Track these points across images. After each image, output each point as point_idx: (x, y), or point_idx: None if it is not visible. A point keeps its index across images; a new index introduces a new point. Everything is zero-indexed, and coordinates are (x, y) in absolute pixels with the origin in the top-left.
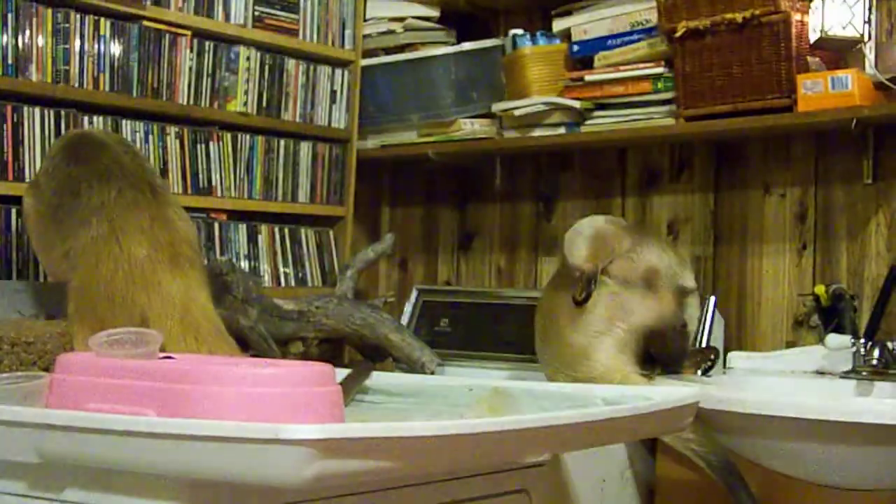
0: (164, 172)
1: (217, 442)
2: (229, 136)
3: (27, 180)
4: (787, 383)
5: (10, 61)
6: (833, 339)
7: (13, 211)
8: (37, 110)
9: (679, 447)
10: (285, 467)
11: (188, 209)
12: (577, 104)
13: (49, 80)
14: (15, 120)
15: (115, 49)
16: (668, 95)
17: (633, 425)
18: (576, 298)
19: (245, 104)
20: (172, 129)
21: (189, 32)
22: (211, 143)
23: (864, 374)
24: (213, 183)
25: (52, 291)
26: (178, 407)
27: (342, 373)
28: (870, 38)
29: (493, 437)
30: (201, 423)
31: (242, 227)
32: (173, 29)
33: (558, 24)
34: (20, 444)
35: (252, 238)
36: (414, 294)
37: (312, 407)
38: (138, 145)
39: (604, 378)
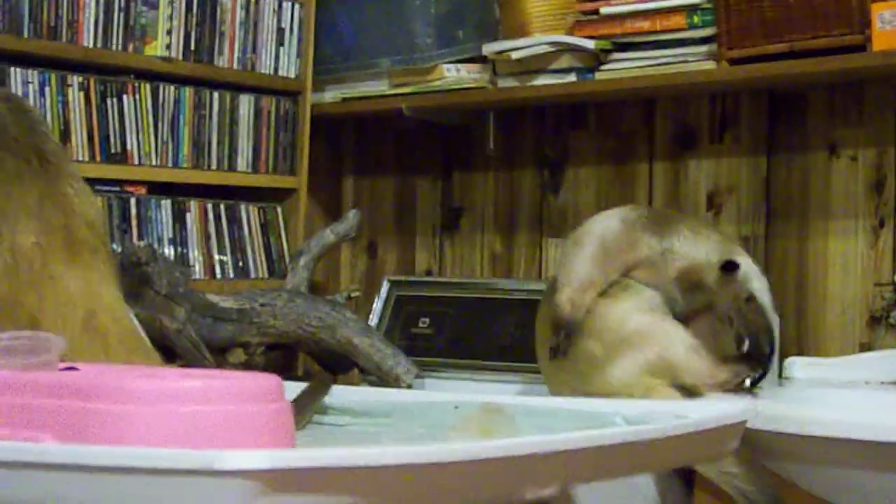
0: (65, 135)
1: (134, 474)
2: (148, 87)
3: None
4: (859, 397)
5: None
6: None
7: None
8: None
9: (716, 480)
10: None
11: (96, 181)
12: (590, 44)
13: None
14: None
15: None
16: (708, 32)
17: (663, 451)
18: (552, 348)
19: (168, 47)
20: (75, 80)
21: None
22: (125, 97)
23: None
24: (129, 147)
25: None
26: (83, 430)
27: (295, 388)
28: None
29: (485, 466)
30: (113, 450)
31: (166, 204)
32: None
33: None
34: None
35: (179, 217)
36: (385, 287)
37: (256, 429)
38: (31, 100)
39: (621, 395)
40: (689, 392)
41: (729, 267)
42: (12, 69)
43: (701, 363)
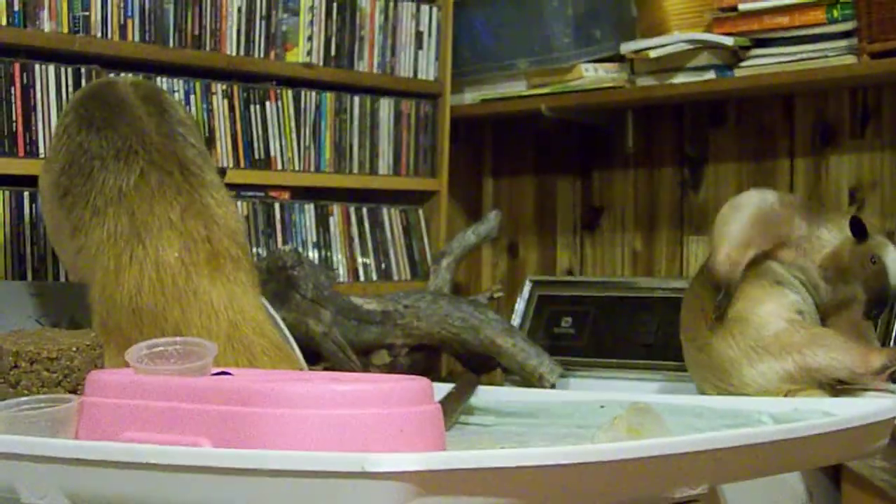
0: (210, 142)
1: (289, 477)
2: (290, 93)
3: (41, 155)
4: None
5: (16, 8)
6: None
7: (25, 195)
8: (51, 68)
9: (868, 475)
10: None
11: (241, 187)
12: (729, 41)
13: (65, 29)
14: (25, 80)
15: None
16: (848, 26)
17: (811, 449)
18: (708, 314)
19: (309, 53)
20: (219, 87)
21: None
22: (268, 104)
23: None
24: (272, 153)
25: (77, 292)
26: (239, 434)
27: (441, 389)
28: None
29: (634, 465)
30: (268, 454)
31: (310, 208)
32: None
33: None
34: (45, 482)
35: (322, 221)
36: (527, 287)
37: (407, 432)
38: None
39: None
40: (842, 389)
41: (856, 224)
42: (158, 78)
43: (848, 357)
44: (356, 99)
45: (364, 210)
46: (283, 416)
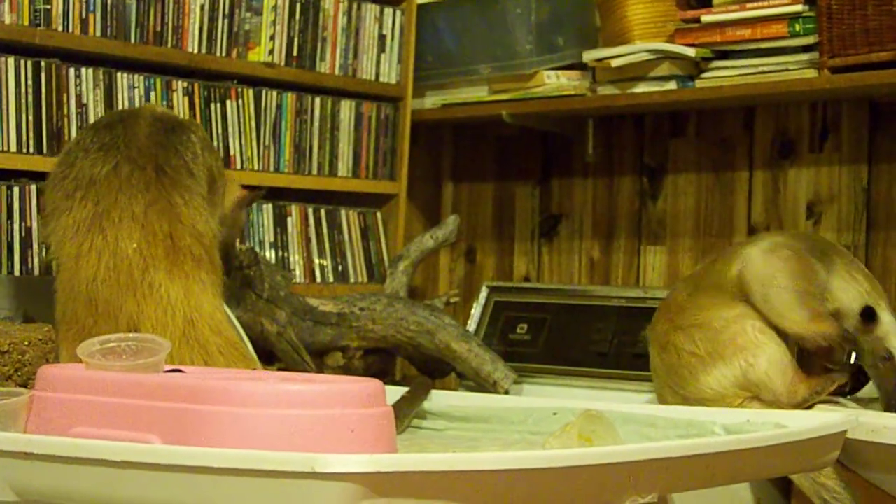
0: None
1: (238, 476)
2: (251, 92)
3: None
4: None
5: None
6: None
7: None
8: (10, 60)
9: (808, 491)
10: None
11: None
12: (691, 52)
13: (26, 22)
14: None
15: None
16: (810, 40)
17: (762, 460)
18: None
19: (271, 52)
20: (180, 85)
21: None
22: (228, 102)
23: None
24: (231, 152)
25: (31, 287)
26: (189, 432)
27: (395, 392)
28: None
29: (584, 472)
30: (218, 452)
31: (268, 208)
32: None
33: None
34: None
35: (280, 222)
36: (484, 293)
37: (358, 433)
38: (136, 103)
39: (714, 404)
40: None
41: (868, 314)
42: (119, 74)
43: (780, 379)
44: (317, 100)
45: (322, 211)
46: (233, 414)
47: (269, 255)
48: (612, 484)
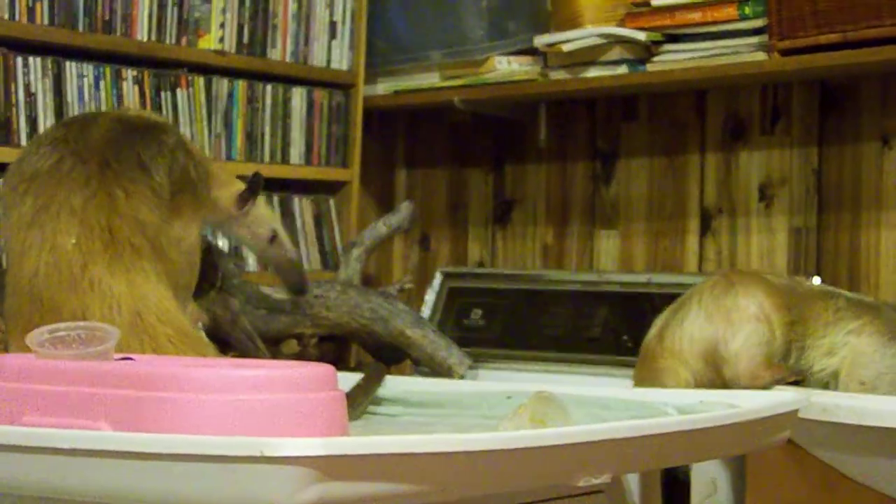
0: None
1: (189, 461)
2: (202, 80)
3: None
4: None
5: None
6: None
7: None
8: None
9: None
10: (276, 491)
11: None
12: (641, 36)
13: None
14: None
15: None
16: (759, 23)
17: (714, 440)
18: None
19: (221, 40)
20: (129, 73)
21: None
22: (178, 90)
23: None
24: None
25: None
26: (139, 419)
27: (349, 379)
28: None
29: (536, 454)
30: (167, 438)
31: None
32: None
33: None
34: None
35: None
36: (438, 279)
37: (310, 417)
38: (86, 92)
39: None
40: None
41: None
42: (67, 63)
43: (747, 360)
44: (268, 87)
45: (275, 199)
46: (183, 400)
47: (221, 243)
48: (565, 465)
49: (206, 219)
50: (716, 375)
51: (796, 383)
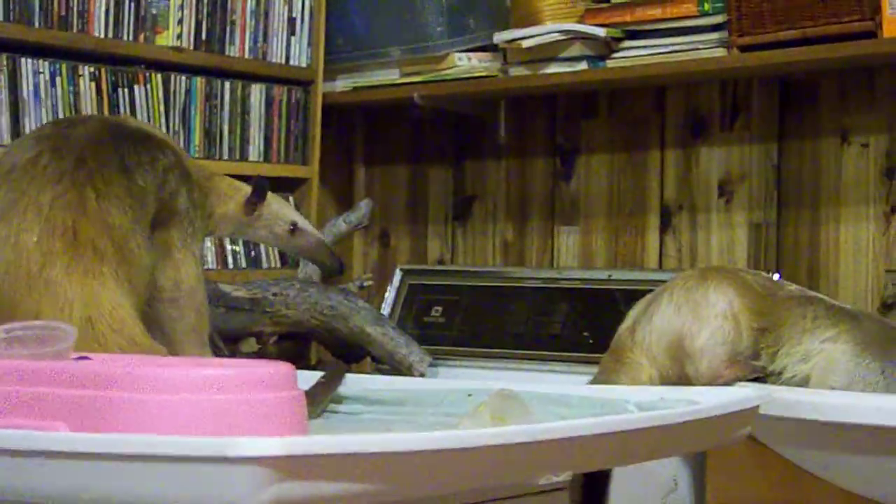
0: None
1: (148, 461)
2: (160, 77)
3: None
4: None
5: None
6: None
7: None
8: None
9: None
10: (236, 491)
11: None
12: (601, 32)
13: None
14: None
15: None
16: (719, 19)
17: (675, 437)
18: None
19: (179, 36)
20: (86, 69)
21: None
22: (136, 87)
23: None
24: None
25: None
26: (97, 419)
27: (309, 377)
28: None
29: (497, 452)
30: (126, 438)
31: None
32: None
33: None
34: None
35: None
36: (398, 276)
37: (270, 417)
38: (42, 89)
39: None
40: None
41: None
42: (23, 59)
43: (712, 355)
44: (227, 84)
45: None
46: (143, 400)
47: None
48: (526, 463)
49: (218, 233)
50: (680, 370)
51: (757, 380)
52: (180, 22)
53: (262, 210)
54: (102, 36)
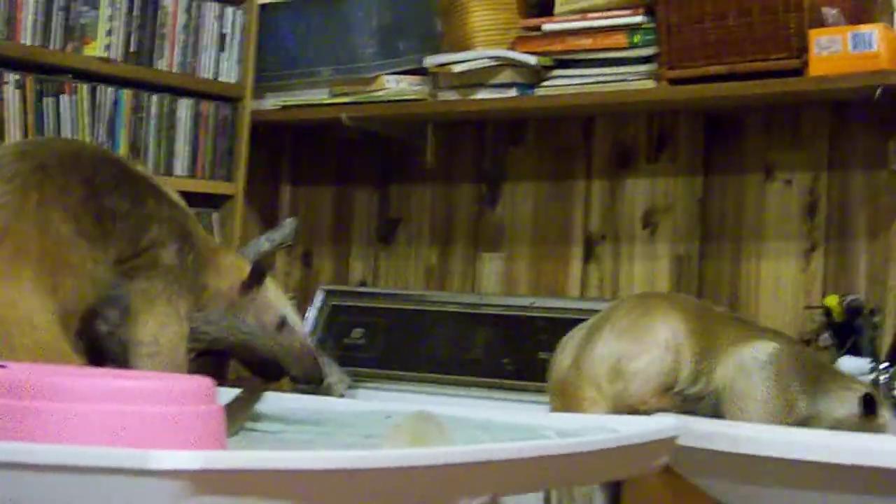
0: (0, 133)
1: (67, 473)
2: (86, 87)
3: None
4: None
5: None
6: (847, 362)
7: None
8: None
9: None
10: (154, 503)
11: None
12: (532, 60)
13: None
14: None
15: None
16: (649, 52)
17: (593, 464)
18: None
19: (108, 48)
20: (12, 77)
21: None
22: (62, 97)
23: None
24: None
25: None
26: (12, 429)
27: (227, 394)
28: None
29: (416, 473)
30: (45, 448)
31: None
32: None
33: None
34: None
35: None
36: (320, 297)
37: (187, 430)
38: None
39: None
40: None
41: (869, 402)
42: None
43: (637, 385)
44: (154, 97)
45: None
46: (60, 410)
47: None
48: (443, 485)
49: (205, 311)
50: (613, 391)
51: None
52: (109, 33)
53: (257, 294)
54: (30, 44)
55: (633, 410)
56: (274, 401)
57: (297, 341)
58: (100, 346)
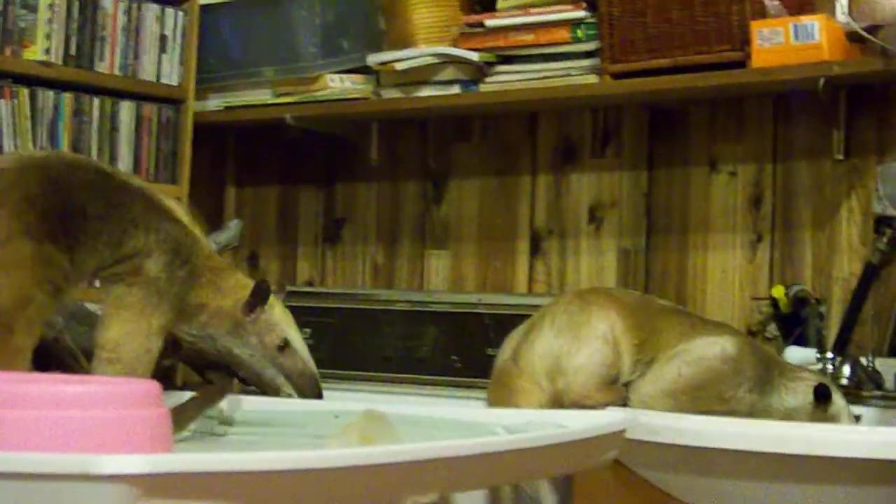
0: None
1: (9, 479)
2: (26, 91)
3: None
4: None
5: None
6: (793, 353)
7: None
8: None
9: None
10: None
11: None
12: (475, 56)
13: None
14: None
15: None
16: (591, 46)
17: (543, 459)
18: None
19: (47, 51)
20: None
21: None
22: (2, 101)
23: None
24: (4, 151)
25: None
26: None
27: (181, 397)
28: None
29: (364, 472)
30: None
31: None
32: None
33: None
34: None
35: None
36: None
37: (134, 434)
38: None
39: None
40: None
41: (822, 391)
42: None
43: (589, 376)
44: (96, 100)
45: None
46: (2, 417)
47: None
48: (391, 484)
49: (211, 330)
50: (554, 388)
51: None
52: (49, 36)
53: (260, 314)
54: None
55: (580, 406)
56: (222, 403)
57: (299, 363)
58: (46, 352)
